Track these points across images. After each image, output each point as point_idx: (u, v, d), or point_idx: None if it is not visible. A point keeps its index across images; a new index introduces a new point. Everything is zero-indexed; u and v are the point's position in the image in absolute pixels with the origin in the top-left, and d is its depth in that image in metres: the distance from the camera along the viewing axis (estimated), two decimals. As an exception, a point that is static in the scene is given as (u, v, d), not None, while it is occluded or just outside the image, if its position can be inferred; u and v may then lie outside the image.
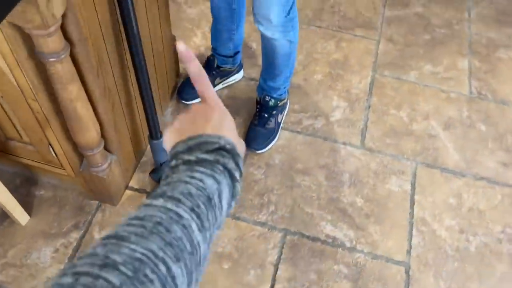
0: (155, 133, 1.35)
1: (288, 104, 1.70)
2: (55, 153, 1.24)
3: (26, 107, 1.08)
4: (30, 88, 1.00)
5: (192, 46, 1.88)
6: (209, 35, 1.80)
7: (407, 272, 1.40)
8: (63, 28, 0.90)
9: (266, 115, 1.61)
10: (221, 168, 0.48)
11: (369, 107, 1.77)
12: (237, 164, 0.50)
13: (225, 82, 1.74)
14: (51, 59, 0.90)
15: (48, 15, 0.80)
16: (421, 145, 1.68)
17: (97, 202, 1.44)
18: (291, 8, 1.28)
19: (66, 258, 1.33)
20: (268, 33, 1.34)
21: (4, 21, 0.82)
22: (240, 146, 0.54)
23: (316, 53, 1.92)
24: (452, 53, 1.98)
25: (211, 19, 1.58)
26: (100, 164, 1.26)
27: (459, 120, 1.76)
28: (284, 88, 1.60)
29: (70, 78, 0.96)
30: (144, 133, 1.50)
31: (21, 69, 0.95)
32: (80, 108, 1.04)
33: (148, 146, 1.56)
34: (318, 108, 1.75)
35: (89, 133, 1.13)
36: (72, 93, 0.99)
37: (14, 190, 1.44)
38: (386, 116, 1.75)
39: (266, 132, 1.61)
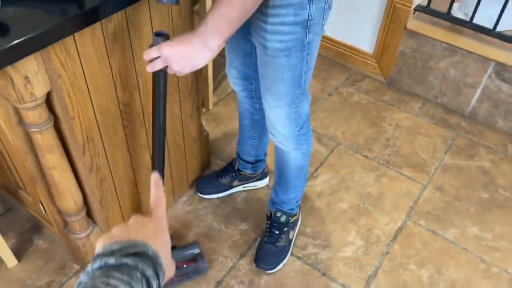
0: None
1: (299, 220, 1.62)
2: (44, 210, 1.34)
3: (22, 165, 1.21)
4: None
5: (232, 146, 1.95)
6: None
7: None
8: (49, 102, 1.02)
9: (277, 232, 1.55)
10: (139, 275, 0.48)
11: (387, 253, 1.60)
12: (156, 274, 0.51)
13: (245, 186, 1.75)
14: (31, 129, 1.02)
15: (25, 94, 0.93)
16: (433, 316, 1.44)
17: (78, 266, 1.49)
18: (304, 122, 1.28)
19: (25, 312, 1.38)
20: (281, 146, 1.34)
21: (-2, 90, 0.97)
22: (169, 269, 0.57)
23: (351, 181, 1.83)
24: (509, 222, 1.72)
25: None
26: (78, 232, 1.33)
27: (493, 302, 1.48)
28: (296, 202, 1.55)
29: (49, 148, 1.07)
30: (144, 213, 1.55)
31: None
32: (57, 176, 1.14)
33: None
34: (330, 238, 1.63)
35: (66, 201, 1.21)
36: (50, 161, 1.10)
37: (20, 234, 1.58)
38: (403, 270, 1.56)
39: (276, 250, 1.54)
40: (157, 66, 0.97)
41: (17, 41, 0.82)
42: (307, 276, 1.52)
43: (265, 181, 1.78)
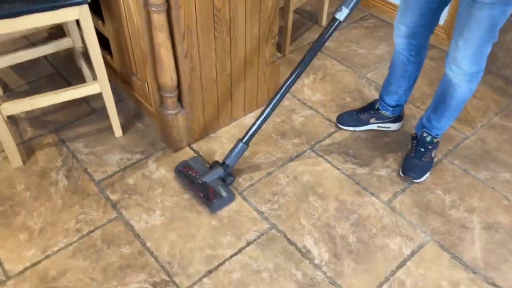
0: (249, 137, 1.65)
1: (439, 145, 1.88)
2: (148, 89, 1.78)
3: (139, 45, 1.65)
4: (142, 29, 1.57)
5: (299, 84, 2.27)
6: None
7: (353, 309, 1.41)
8: (166, -8, 1.44)
9: (422, 149, 1.79)
10: None
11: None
12: None
13: (380, 125, 1.99)
14: (151, 9, 1.44)
15: (152, -24, 1.35)
16: (447, 229, 1.64)
17: (163, 144, 1.92)
18: (483, 63, 1.53)
19: (122, 166, 1.83)
20: (455, 79, 1.57)
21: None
22: None
23: (399, 124, 2.07)
24: (545, 175, 1.85)
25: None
26: (170, 108, 1.75)
27: (507, 229, 1.65)
28: (444, 129, 1.80)
29: (160, 27, 1.49)
30: (219, 114, 1.94)
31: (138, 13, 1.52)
32: (163, 53, 1.56)
33: (220, 128, 1.99)
34: (369, 160, 1.89)
35: (165, 77, 1.63)
36: (159, 39, 1.52)
37: (126, 117, 2.06)
38: (429, 192, 1.77)
39: (422, 164, 1.79)
40: None
41: None
42: (343, 183, 1.80)
43: (398, 125, 2.00)
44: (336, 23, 1.46)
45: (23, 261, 1.51)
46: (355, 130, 2.02)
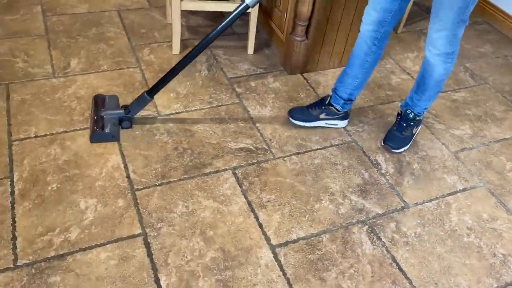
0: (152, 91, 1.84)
1: (421, 123, 2.11)
2: (286, 17, 2.27)
3: (290, -20, 2.14)
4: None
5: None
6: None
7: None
8: None
9: (404, 125, 2.00)
10: None
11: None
12: None
13: (328, 122, 2.06)
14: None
15: None
16: (501, 183, 1.92)
17: (282, 68, 2.40)
18: (456, 44, 1.71)
19: (248, 73, 2.33)
20: (432, 59, 1.75)
21: None
22: None
23: (484, 105, 2.35)
24: None
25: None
26: (298, 35, 2.22)
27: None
28: (425, 109, 1.99)
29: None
30: (332, 55, 2.37)
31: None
32: (306, -13, 2.03)
33: (329, 68, 2.41)
34: (447, 120, 2.20)
35: (304, 7, 2.10)
36: (309, -26, 1.99)
37: (258, 44, 2.57)
38: (493, 156, 2.05)
39: (402, 137, 2.00)
40: None
41: None
42: (421, 129, 2.14)
43: (345, 122, 2.08)
44: (244, 5, 1.62)
45: (170, 109, 2.07)
46: (304, 126, 2.05)
